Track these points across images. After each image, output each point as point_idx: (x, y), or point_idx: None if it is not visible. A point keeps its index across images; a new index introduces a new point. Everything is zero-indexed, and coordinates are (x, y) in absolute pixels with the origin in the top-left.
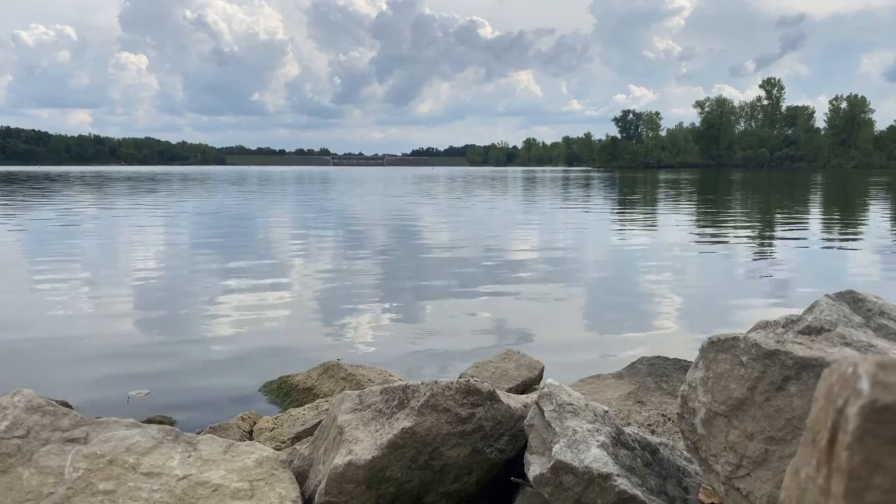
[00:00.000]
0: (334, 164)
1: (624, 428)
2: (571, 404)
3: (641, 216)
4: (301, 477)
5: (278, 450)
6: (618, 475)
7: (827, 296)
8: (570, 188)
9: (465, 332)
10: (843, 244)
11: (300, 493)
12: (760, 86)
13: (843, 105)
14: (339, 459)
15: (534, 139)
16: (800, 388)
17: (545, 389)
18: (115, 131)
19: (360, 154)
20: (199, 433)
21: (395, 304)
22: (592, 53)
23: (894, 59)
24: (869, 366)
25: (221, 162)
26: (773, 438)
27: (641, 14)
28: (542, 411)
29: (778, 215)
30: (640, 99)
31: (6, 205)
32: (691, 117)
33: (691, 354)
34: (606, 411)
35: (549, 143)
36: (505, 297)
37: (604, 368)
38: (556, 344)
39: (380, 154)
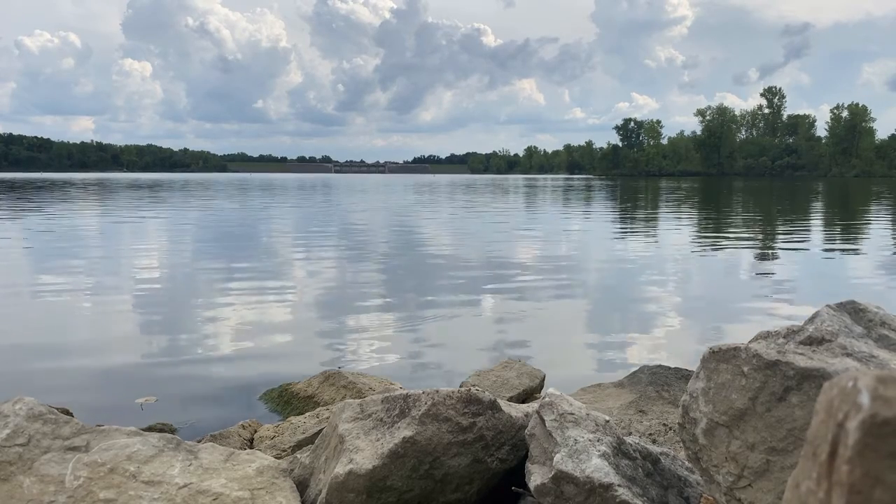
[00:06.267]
0: (336, 172)
1: (625, 437)
2: (572, 414)
3: (642, 224)
4: (302, 486)
5: (279, 458)
6: (619, 485)
7: (828, 306)
8: (572, 196)
9: (466, 340)
10: (845, 254)
11: (301, 501)
12: (762, 94)
13: (845, 114)
14: (340, 468)
15: (535, 147)
16: (801, 399)
17: (546, 399)
18: (117, 138)
19: (362, 161)
20: (199, 441)
21: (395, 313)
22: (595, 62)
23: None
24: (869, 380)
25: (223, 169)
26: (774, 449)
27: (644, 23)
28: (543, 421)
29: (779, 224)
30: (643, 107)
31: (8, 211)
32: (693, 126)
33: (692, 363)
34: (607, 421)
35: (550, 151)
36: (506, 306)
37: (605, 377)
38: (557, 353)
39: (381, 161)
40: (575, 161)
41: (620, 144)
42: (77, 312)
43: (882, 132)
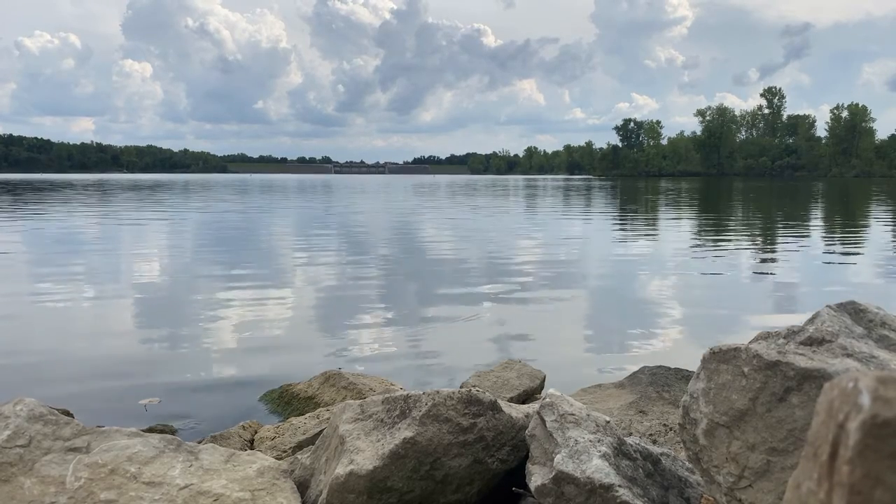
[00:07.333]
0: (335, 172)
1: (625, 438)
2: (573, 414)
3: (643, 225)
4: (302, 486)
5: (279, 459)
6: (620, 486)
7: (828, 306)
8: (571, 197)
9: (467, 341)
10: (845, 254)
11: (301, 502)
12: (762, 94)
13: (844, 114)
14: (341, 469)
15: (535, 147)
16: (801, 400)
17: (547, 400)
18: (117, 139)
19: (362, 162)
20: (200, 442)
21: (396, 313)
22: (595, 62)
23: None
24: (869, 381)
25: (223, 170)
26: (774, 449)
27: (644, 23)
28: (543, 421)
29: (779, 225)
30: (643, 108)
31: (9, 213)
32: (693, 126)
33: (693, 364)
34: (608, 421)
35: (550, 151)
36: (506, 307)
37: (605, 378)
38: (558, 353)
39: (381, 162)
40: (575, 161)
41: (620, 145)
42: (79, 314)
43: (882, 132)
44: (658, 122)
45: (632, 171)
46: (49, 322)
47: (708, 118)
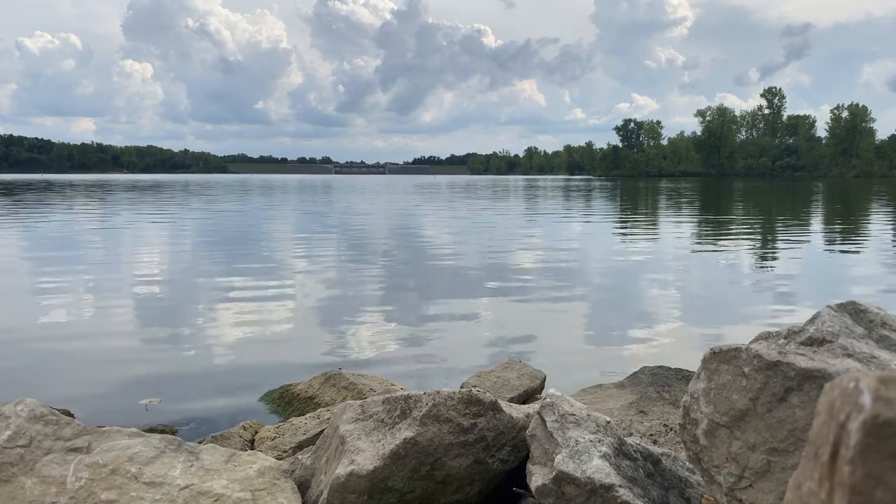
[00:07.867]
0: (336, 173)
1: (626, 438)
2: (573, 415)
3: (643, 225)
4: (303, 487)
5: (280, 459)
6: (620, 486)
7: (829, 307)
8: (572, 197)
9: (467, 341)
10: (845, 255)
11: (302, 502)
12: (762, 95)
13: (845, 114)
14: (342, 469)
15: (535, 148)
16: (802, 400)
17: (547, 400)
18: (118, 139)
19: (362, 162)
20: (201, 442)
21: (396, 314)
22: (596, 63)
23: None
24: (870, 381)
25: (223, 170)
26: (775, 450)
27: (644, 24)
28: (544, 422)
29: (779, 225)
30: (643, 108)
31: (9, 213)
32: (693, 126)
33: (693, 364)
34: (608, 422)
35: (550, 151)
36: (507, 307)
37: (605, 378)
38: (558, 353)
39: (381, 162)
40: (575, 162)
41: (620, 145)
42: (80, 314)
43: (882, 132)
44: (658, 123)
45: (632, 172)
46: (50, 322)
47: (708, 118)
